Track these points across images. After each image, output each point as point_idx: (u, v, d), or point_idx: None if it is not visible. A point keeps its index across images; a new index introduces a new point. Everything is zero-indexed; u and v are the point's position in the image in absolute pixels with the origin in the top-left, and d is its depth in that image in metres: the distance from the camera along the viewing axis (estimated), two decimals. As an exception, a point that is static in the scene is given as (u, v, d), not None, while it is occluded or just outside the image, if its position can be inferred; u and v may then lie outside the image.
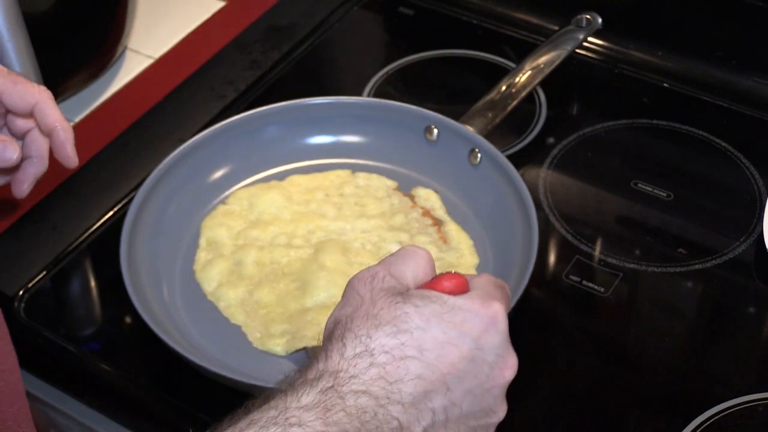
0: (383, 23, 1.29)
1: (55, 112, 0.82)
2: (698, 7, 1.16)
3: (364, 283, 0.63)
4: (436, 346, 0.60)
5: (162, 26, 1.25)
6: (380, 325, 0.60)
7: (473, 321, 0.61)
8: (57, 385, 0.90)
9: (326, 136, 1.05)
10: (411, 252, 0.66)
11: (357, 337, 0.60)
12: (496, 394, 0.63)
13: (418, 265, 0.65)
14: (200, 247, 0.97)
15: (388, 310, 0.61)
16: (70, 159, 0.83)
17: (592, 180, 1.06)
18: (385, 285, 0.63)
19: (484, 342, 0.61)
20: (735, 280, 0.96)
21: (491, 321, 0.62)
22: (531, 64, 1.08)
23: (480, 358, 0.61)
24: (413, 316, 0.60)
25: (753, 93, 1.12)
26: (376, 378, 0.59)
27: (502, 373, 0.63)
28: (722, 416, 0.84)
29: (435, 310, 0.61)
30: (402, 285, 0.63)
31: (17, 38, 0.95)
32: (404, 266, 0.65)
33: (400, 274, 0.64)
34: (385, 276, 0.63)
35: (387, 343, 0.59)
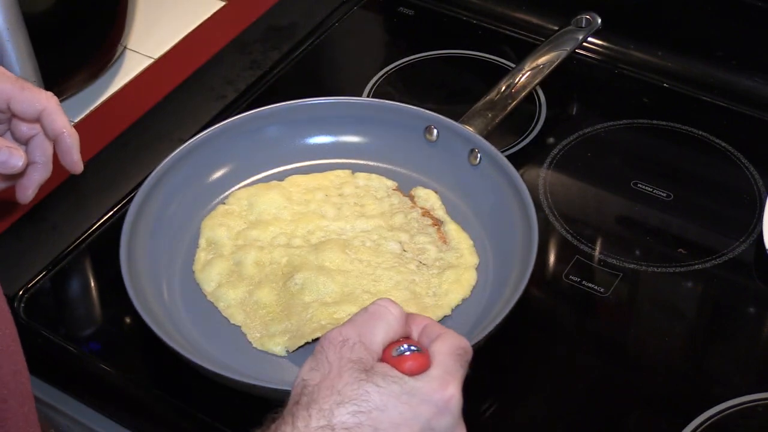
0: (383, 23, 1.29)
1: (63, 118, 0.83)
2: (698, 7, 1.16)
3: (335, 349, 0.66)
4: (391, 426, 0.63)
5: (162, 26, 1.25)
6: (343, 402, 0.63)
7: (428, 405, 0.65)
8: (57, 385, 0.90)
9: (326, 136, 1.05)
10: (382, 312, 0.68)
11: (321, 410, 0.63)
12: None
13: (389, 326, 0.68)
14: (200, 247, 0.97)
15: (352, 387, 0.64)
16: (76, 165, 0.84)
17: (592, 180, 1.06)
18: (353, 356, 0.65)
19: (436, 424, 0.65)
20: (735, 280, 0.96)
21: (445, 405, 0.65)
22: (531, 65, 1.08)
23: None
24: (374, 395, 0.64)
25: (753, 93, 1.12)
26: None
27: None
28: (722, 416, 0.84)
29: (394, 391, 0.64)
30: (370, 354, 0.66)
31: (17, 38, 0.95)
32: (375, 330, 0.67)
33: (370, 340, 0.67)
34: (355, 344, 0.66)
35: (347, 421, 0.63)
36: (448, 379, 0.66)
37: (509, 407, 0.87)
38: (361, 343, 0.66)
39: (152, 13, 1.26)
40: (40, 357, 0.92)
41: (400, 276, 0.92)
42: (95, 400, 0.89)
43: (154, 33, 1.24)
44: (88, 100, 1.16)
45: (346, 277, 0.91)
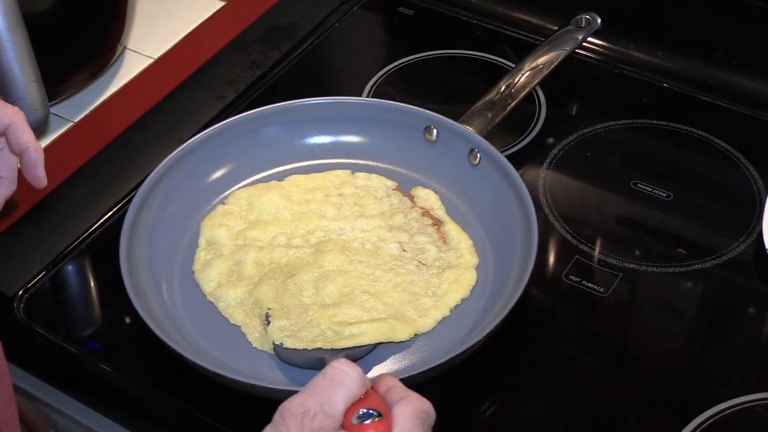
0: (383, 23, 1.29)
1: (28, 133, 0.83)
2: (698, 7, 1.16)
3: (296, 421, 0.65)
4: None
5: (161, 26, 1.25)
6: None
7: None
8: (57, 385, 0.90)
9: (326, 136, 1.05)
10: (341, 377, 0.67)
11: None
12: None
13: (349, 391, 0.67)
14: (200, 247, 0.97)
15: None
16: (41, 180, 0.84)
17: (592, 180, 1.06)
18: (314, 427, 0.64)
19: None
20: (734, 280, 0.96)
21: None
22: (530, 64, 1.07)
23: None
24: None
25: (753, 93, 1.12)
26: None
27: None
28: (722, 416, 0.84)
29: None
30: (332, 423, 0.65)
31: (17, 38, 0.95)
32: (336, 397, 0.66)
33: (331, 408, 0.66)
34: (316, 414, 0.65)
35: None
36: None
37: (509, 407, 0.87)
38: (323, 412, 0.65)
39: (152, 13, 1.26)
40: (40, 357, 0.92)
41: (399, 278, 0.92)
42: (95, 400, 0.89)
43: (154, 33, 1.24)
44: (88, 100, 1.16)
45: (345, 278, 0.91)
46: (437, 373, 0.82)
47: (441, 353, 0.85)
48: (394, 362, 0.87)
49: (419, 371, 0.81)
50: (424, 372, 0.81)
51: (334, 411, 0.65)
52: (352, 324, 0.87)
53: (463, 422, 0.86)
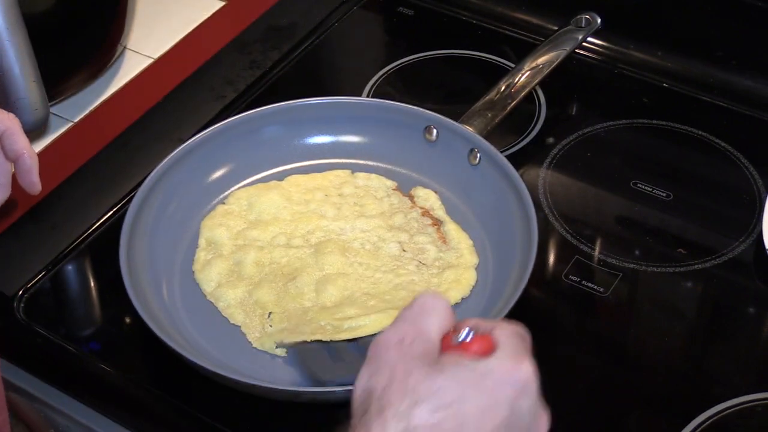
0: (383, 23, 1.29)
1: (24, 139, 0.83)
2: (698, 7, 1.16)
3: (394, 351, 0.63)
4: (474, 417, 0.60)
5: (161, 26, 1.25)
6: (419, 402, 0.60)
7: (505, 387, 0.61)
8: (57, 385, 0.90)
9: (326, 136, 1.05)
10: (431, 304, 0.66)
11: (397, 413, 0.60)
12: None
13: (441, 317, 0.65)
14: (200, 247, 0.97)
15: (425, 383, 0.61)
16: (35, 185, 0.85)
17: (592, 180, 1.06)
18: (415, 351, 0.62)
19: (518, 408, 0.62)
20: (734, 280, 0.96)
21: (524, 385, 0.62)
22: (530, 64, 1.07)
23: (516, 423, 0.62)
24: (450, 389, 0.60)
25: (753, 93, 1.12)
26: None
27: (537, 429, 0.63)
28: (722, 416, 0.84)
29: (469, 378, 0.61)
30: (432, 346, 0.63)
31: (17, 38, 0.95)
32: (429, 322, 0.65)
33: (428, 332, 0.64)
34: (414, 339, 0.63)
35: (428, 420, 0.59)
36: (520, 358, 0.62)
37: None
38: (421, 338, 0.63)
39: (152, 13, 1.26)
40: (40, 357, 0.92)
41: (399, 278, 0.92)
42: (95, 400, 0.89)
43: (154, 33, 1.24)
44: (88, 100, 1.16)
45: (346, 281, 0.91)
46: (437, 373, 0.82)
47: (441, 353, 0.84)
48: (394, 362, 0.87)
49: (419, 371, 0.81)
50: (424, 372, 0.81)
51: (431, 335, 0.63)
52: (352, 318, 0.87)
53: (463, 422, 0.86)
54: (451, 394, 0.60)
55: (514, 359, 0.62)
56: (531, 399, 0.62)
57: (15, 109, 0.99)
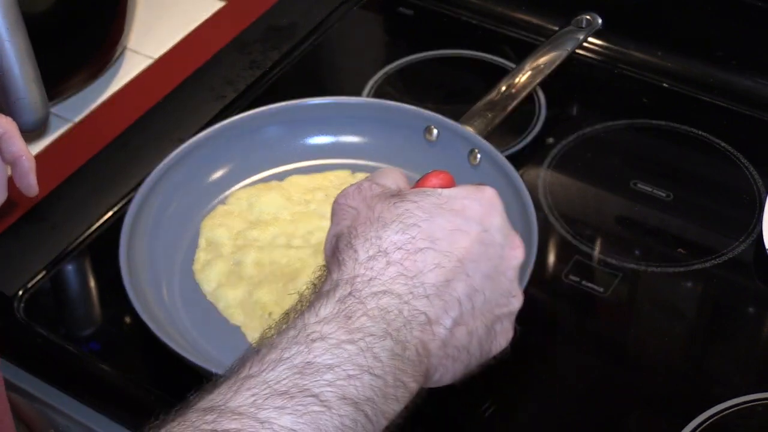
0: (383, 23, 1.29)
1: (21, 141, 0.83)
2: (698, 7, 1.16)
3: (353, 197, 0.63)
4: (446, 234, 0.60)
5: (161, 26, 1.25)
6: (387, 225, 0.59)
7: (473, 206, 0.62)
8: (57, 385, 0.90)
9: (326, 136, 1.05)
10: (387, 169, 0.67)
11: (367, 240, 0.59)
12: (511, 276, 0.64)
13: (397, 178, 0.66)
14: (200, 247, 0.97)
15: (389, 210, 0.60)
16: (33, 188, 0.85)
17: (592, 180, 1.06)
18: (374, 192, 0.63)
19: (489, 224, 0.62)
20: (735, 280, 0.96)
21: (489, 203, 0.62)
22: (531, 65, 1.07)
23: (489, 240, 0.62)
24: (415, 210, 0.60)
25: (753, 93, 1.12)
26: (396, 275, 0.58)
27: (513, 253, 0.63)
28: (722, 416, 0.84)
29: (433, 201, 0.61)
30: (390, 190, 0.63)
31: (17, 38, 0.95)
32: (385, 179, 0.65)
33: (384, 183, 0.65)
34: (371, 185, 0.64)
35: (398, 240, 0.59)
36: (480, 185, 0.63)
37: (509, 407, 0.87)
38: (376, 183, 0.64)
39: (152, 13, 1.26)
40: (40, 357, 0.92)
41: (400, 277, 0.92)
42: (95, 400, 0.89)
43: (154, 33, 1.24)
44: (88, 100, 1.16)
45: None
46: (437, 373, 0.82)
47: (441, 353, 0.85)
48: (394, 362, 0.87)
49: (419, 371, 0.81)
50: (424, 372, 0.81)
51: (388, 185, 0.64)
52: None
53: (463, 422, 0.86)
54: (418, 215, 0.60)
55: (475, 187, 0.63)
56: (500, 218, 0.63)
57: (15, 109, 0.99)
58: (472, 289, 0.61)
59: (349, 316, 0.56)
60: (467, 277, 0.60)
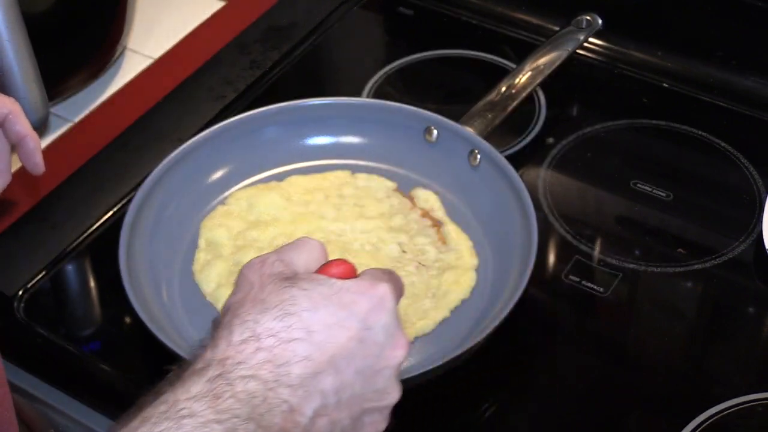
0: (383, 23, 1.29)
1: (26, 121, 0.83)
2: (698, 7, 1.16)
3: (254, 270, 0.64)
4: (325, 327, 0.60)
5: (161, 26, 1.25)
6: (267, 309, 0.60)
7: (361, 302, 0.62)
8: (57, 385, 0.90)
9: (326, 136, 1.05)
10: (304, 242, 0.67)
11: (244, 322, 0.60)
12: (388, 375, 0.63)
13: (310, 255, 0.66)
14: (199, 247, 0.96)
15: (276, 294, 0.61)
16: (39, 166, 0.85)
17: (592, 180, 1.06)
18: (274, 270, 0.63)
19: (373, 322, 0.62)
20: (734, 280, 0.96)
21: (379, 301, 0.62)
22: (531, 65, 1.07)
23: (370, 339, 0.62)
24: (301, 298, 0.61)
25: (753, 93, 1.12)
26: (264, 362, 0.59)
27: (393, 353, 0.63)
28: (722, 416, 0.84)
29: (323, 292, 0.61)
30: (292, 271, 0.64)
31: (17, 38, 0.95)
32: (296, 254, 0.65)
33: (290, 260, 0.65)
34: (275, 261, 0.64)
35: (274, 327, 0.59)
36: (378, 280, 0.63)
37: (509, 407, 0.87)
38: (281, 261, 0.64)
39: (152, 13, 1.26)
40: (40, 357, 0.92)
41: (399, 280, 0.92)
42: (95, 400, 0.89)
43: (154, 33, 1.24)
44: (88, 100, 1.16)
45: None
46: (437, 374, 0.82)
47: (440, 354, 0.85)
48: (394, 362, 0.87)
49: (419, 372, 0.81)
50: (423, 373, 0.81)
51: (293, 264, 0.64)
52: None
53: (463, 422, 0.86)
54: (302, 303, 0.60)
55: (371, 281, 0.63)
56: (386, 316, 0.62)
57: (15, 109, 0.99)
58: (341, 384, 0.61)
59: (218, 396, 0.57)
60: (337, 372, 0.61)
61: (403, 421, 0.85)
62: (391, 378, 0.63)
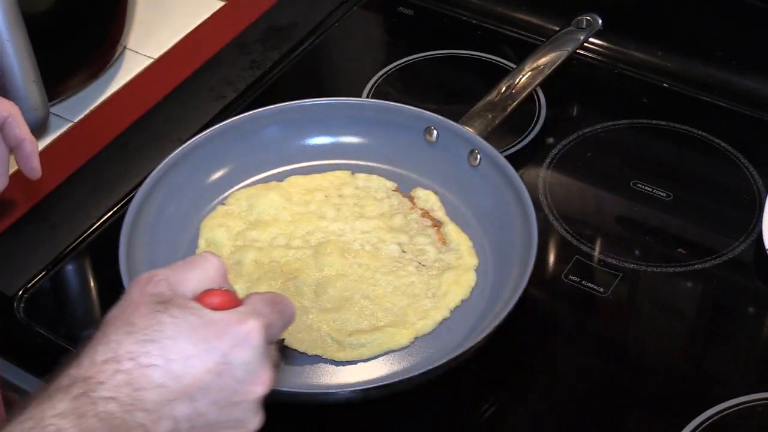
0: (383, 23, 1.29)
1: (25, 126, 0.84)
2: (698, 7, 1.16)
3: (139, 286, 0.64)
4: (183, 357, 0.61)
5: (162, 26, 1.25)
6: (132, 333, 0.61)
7: (225, 336, 0.62)
8: (57, 385, 0.90)
9: (325, 136, 1.05)
10: (201, 259, 0.67)
11: (108, 342, 0.61)
12: (246, 407, 0.64)
13: (205, 274, 0.66)
14: (199, 247, 0.96)
15: (146, 317, 0.62)
16: (36, 170, 0.85)
17: (592, 180, 1.06)
18: (156, 290, 0.63)
19: (233, 358, 0.62)
20: (734, 280, 0.96)
21: (243, 337, 0.63)
22: (531, 65, 1.07)
23: (228, 373, 0.62)
24: (167, 326, 0.61)
25: (753, 93, 1.12)
26: (123, 384, 0.60)
27: (252, 388, 0.64)
28: (722, 416, 0.84)
29: (191, 322, 0.62)
30: (174, 292, 0.64)
31: (17, 38, 0.95)
32: (189, 273, 0.65)
33: (179, 280, 0.65)
34: (161, 280, 0.64)
35: (134, 351, 0.60)
36: (251, 315, 0.63)
37: (509, 408, 0.87)
38: (167, 281, 0.64)
39: (152, 13, 1.26)
40: (40, 357, 0.92)
41: (399, 280, 0.92)
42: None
43: (154, 33, 1.24)
44: (87, 100, 1.16)
45: (345, 282, 0.91)
46: (437, 375, 0.82)
47: (440, 355, 0.85)
48: (394, 363, 0.87)
49: (419, 372, 0.81)
50: (423, 373, 0.81)
51: (181, 284, 0.65)
52: (352, 334, 0.88)
53: (463, 422, 0.86)
54: (167, 331, 0.61)
55: (242, 316, 0.63)
56: (249, 354, 0.63)
57: (15, 109, 0.99)
58: (195, 413, 0.62)
59: (82, 414, 0.59)
60: (191, 401, 0.62)
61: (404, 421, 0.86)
62: (249, 410, 0.64)
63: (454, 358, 0.82)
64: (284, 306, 0.67)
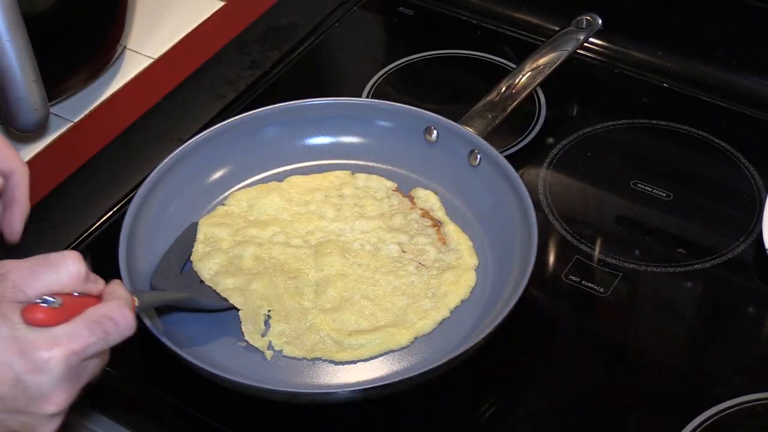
0: (383, 23, 1.29)
1: (27, 188, 0.83)
2: (698, 7, 1.16)
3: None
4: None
5: (161, 26, 1.25)
6: None
7: (25, 358, 0.63)
8: (57, 385, 0.90)
9: (325, 136, 1.05)
10: (57, 261, 0.67)
11: None
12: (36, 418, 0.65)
13: (57, 279, 0.66)
14: (198, 240, 0.96)
15: None
16: (16, 234, 0.84)
17: (592, 180, 1.06)
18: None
19: (28, 380, 0.64)
20: (734, 280, 0.96)
21: (44, 364, 0.64)
22: (531, 65, 1.07)
23: (22, 389, 0.64)
24: None
25: (753, 93, 1.12)
26: None
27: (45, 407, 0.65)
28: (722, 416, 0.84)
29: (4, 333, 0.63)
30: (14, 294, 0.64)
31: (17, 38, 0.95)
32: (40, 274, 0.65)
33: (26, 279, 0.65)
34: (4, 278, 0.65)
35: None
36: (63, 341, 0.64)
37: (509, 408, 0.87)
38: (12, 280, 0.64)
39: (152, 13, 1.26)
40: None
41: (399, 280, 0.92)
42: (95, 400, 0.89)
43: (154, 33, 1.24)
44: (87, 100, 1.16)
45: (345, 282, 0.91)
46: (437, 375, 0.82)
47: (440, 355, 0.85)
48: (394, 363, 0.87)
49: (418, 372, 0.81)
50: (423, 373, 0.81)
51: (26, 286, 0.65)
52: (351, 335, 0.88)
53: (463, 422, 0.86)
54: None
55: (55, 340, 0.64)
56: (44, 380, 0.64)
57: (15, 109, 0.99)
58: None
59: None
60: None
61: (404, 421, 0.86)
62: (41, 419, 0.66)
63: (454, 358, 0.82)
64: (114, 325, 0.67)
